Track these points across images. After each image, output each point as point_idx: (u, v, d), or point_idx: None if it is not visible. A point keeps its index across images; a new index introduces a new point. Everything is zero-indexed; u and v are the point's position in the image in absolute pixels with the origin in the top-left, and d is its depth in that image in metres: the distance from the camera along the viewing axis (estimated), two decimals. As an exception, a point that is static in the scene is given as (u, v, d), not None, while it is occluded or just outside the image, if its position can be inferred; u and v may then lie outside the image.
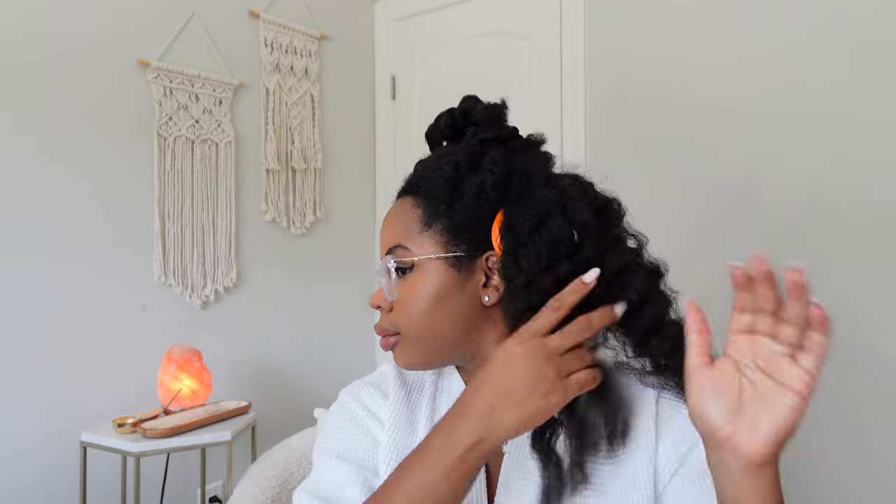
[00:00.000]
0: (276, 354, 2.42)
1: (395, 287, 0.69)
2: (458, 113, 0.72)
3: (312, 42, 2.54)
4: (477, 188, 0.67)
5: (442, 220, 0.67)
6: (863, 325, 1.73)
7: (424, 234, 0.68)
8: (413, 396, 0.74)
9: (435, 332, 0.68)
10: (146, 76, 2.02)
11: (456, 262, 0.67)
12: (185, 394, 1.77)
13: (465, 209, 0.67)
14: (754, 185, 1.91)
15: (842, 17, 1.77)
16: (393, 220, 0.72)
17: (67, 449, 1.79)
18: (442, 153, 0.71)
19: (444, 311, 0.67)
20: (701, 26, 2.01)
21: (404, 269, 0.68)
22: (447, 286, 0.66)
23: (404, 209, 0.71)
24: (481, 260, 0.67)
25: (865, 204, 1.75)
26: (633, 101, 2.14)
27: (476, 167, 0.68)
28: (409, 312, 0.68)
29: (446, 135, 0.74)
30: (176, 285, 2.09)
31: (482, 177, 0.67)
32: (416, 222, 0.69)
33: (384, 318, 0.71)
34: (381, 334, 0.71)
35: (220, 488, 2.15)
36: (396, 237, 0.70)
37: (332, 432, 0.73)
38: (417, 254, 0.68)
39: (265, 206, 2.37)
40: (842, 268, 1.77)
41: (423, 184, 0.70)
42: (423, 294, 0.67)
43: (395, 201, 0.74)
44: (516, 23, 2.42)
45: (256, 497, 1.00)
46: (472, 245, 0.67)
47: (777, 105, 1.88)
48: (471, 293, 0.67)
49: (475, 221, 0.66)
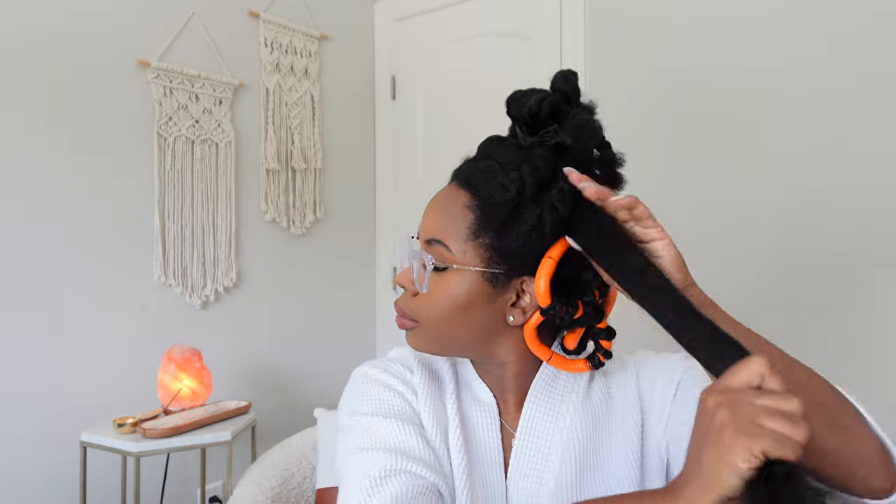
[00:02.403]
0: (276, 354, 2.42)
1: (427, 281, 0.68)
2: (546, 107, 0.64)
3: (312, 42, 2.54)
4: (537, 220, 0.64)
5: (491, 236, 0.65)
6: (864, 325, 1.73)
7: (469, 242, 0.66)
8: (436, 374, 0.75)
9: (453, 333, 0.68)
10: (146, 76, 2.02)
11: (493, 277, 0.66)
12: (185, 394, 1.77)
13: (518, 236, 0.65)
14: (756, 185, 1.92)
15: (842, 13, 1.77)
16: (442, 210, 0.69)
17: (67, 449, 1.79)
18: (510, 157, 0.66)
19: (467, 318, 0.67)
20: (701, 26, 2.01)
21: (440, 267, 0.68)
22: (478, 297, 0.67)
23: (456, 205, 0.67)
24: (517, 281, 0.67)
25: (865, 194, 1.75)
26: (633, 102, 2.13)
27: (541, 195, 0.64)
28: (433, 309, 0.68)
29: (525, 120, 0.66)
30: (176, 285, 2.09)
31: (544, 211, 0.64)
32: (465, 228, 0.66)
33: (406, 300, 0.71)
34: (400, 314, 0.72)
35: (220, 488, 2.15)
36: (441, 232, 0.68)
37: (365, 399, 0.71)
38: (458, 259, 0.67)
39: (265, 206, 2.37)
40: (842, 255, 1.77)
41: (483, 188, 0.66)
42: (452, 298, 0.67)
43: (450, 182, 0.71)
44: (516, 23, 2.42)
45: (256, 497, 1.00)
46: (513, 266, 0.66)
47: (778, 103, 1.88)
48: (498, 308, 0.68)
49: (524, 249, 0.65)
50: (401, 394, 0.71)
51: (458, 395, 0.73)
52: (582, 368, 0.69)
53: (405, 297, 0.72)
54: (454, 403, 0.72)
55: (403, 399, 0.70)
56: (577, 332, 0.70)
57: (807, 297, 1.82)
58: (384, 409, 0.69)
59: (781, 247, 1.87)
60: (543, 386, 0.71)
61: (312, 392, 2.48)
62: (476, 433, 0.71)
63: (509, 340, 0.70)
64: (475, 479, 0.68)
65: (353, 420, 0.70)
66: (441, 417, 0.70)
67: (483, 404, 0.72)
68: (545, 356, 0.68)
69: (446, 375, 0.74)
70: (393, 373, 0.73)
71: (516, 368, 0.71)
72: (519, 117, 0.67)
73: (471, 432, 0.71)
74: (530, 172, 0.63)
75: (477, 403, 0.73)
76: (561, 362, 0.69)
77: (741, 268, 1.92)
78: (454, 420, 0.70)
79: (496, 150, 0.68)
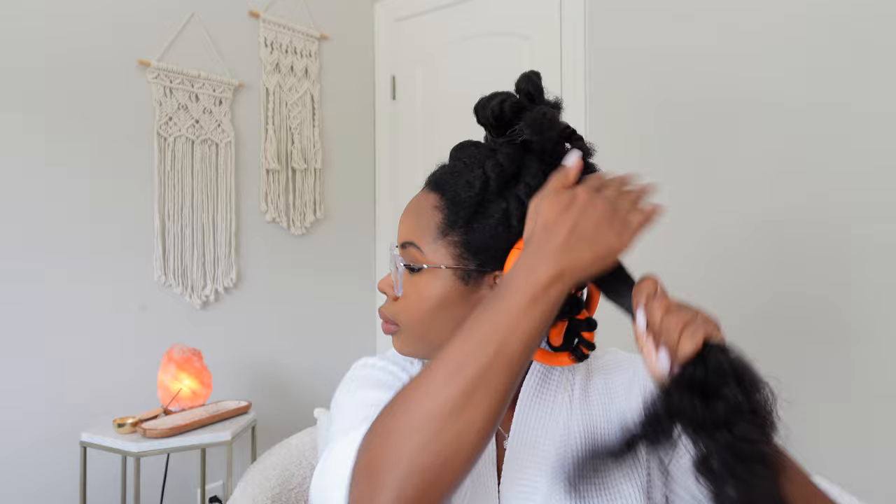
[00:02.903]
0: (276, 354, 2.42)
1: (401, 283, 0.70)
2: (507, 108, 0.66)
3: (312, 42, 2.54)
4: (502, 214, 0.65)
5: (459, 233, 0.67)
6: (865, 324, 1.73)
7: (439, 241, 0.67)
8: None
9: (432, 333, 0.69)
10: (146, 76, 2.02)
11: (465, 274, 0.67)
12: (185, 394, 1.77)
13: (485, 230, 0.66)
14: (757, 184, 1.91)
15: (842, 11, 1.77)
16: (413, 213, 0.71)
17: (67, 449, 1.79)
18: (475, 156, 0.68)
19: (444, 318, 0.68)
20: (701, 26, 2.01)
21: (413, 269, 0.69)
22: (452, 295, 0.67)
23: (426, 207, 0.69)
24: (489, 277, 0.68)
25: (865, 193, 1.75)
26: (633, 102, 2.14)
27: (506, 190, 0.66)
28: (410, 311, 0.69)
29: (490, 124, 0.69)
30: (176, 285, 2.09)
31: (510, 205, 0.65)
32: (434, 227, 0.68)
33: (388, 305, 0.72)
34: (384, 320, 0.73)
35: (220, 488, 2.15)
36: (412, 234, 0.70)
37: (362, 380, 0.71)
38: (429, 258, 0.68)
39: (265, 206, 2.37)
40: (841, 255, 1.77)
41: (449, 187, 0.68)
42: (426, 298, 0.68)
43: (422, 189, 0.73)
44: (516, 23, 2.42)
45: (256, 497, 1.00)
46: (484, 262, 0.67)
47: (779, 102, 1.88)
48: (473, 305, 0.68)
49: (492, 243, 0.66)
50: (402, 380, 0.72)
51: None
52: (566, 362, 0.69)
53: (387, 302, 0.73)
54: None
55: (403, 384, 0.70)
56: (559, 327, 0.69)
57: (807, 296, 1.82)
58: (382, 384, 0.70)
59: (781, 246, 1.87)
60: (534, 386, 0.71)
61: (312, 392, 2.48)
62: None
63: None
64: (467, 483, 0.68)
65: (346, 397, 0.70)
66: None
67: None
68: None
69: None
70: (394, 362, 0.75)
71: None
72: (485, 121, 0.69)
73: None
74: (493, 167, 0.66)
75: None
76: (546, 357, 0.69)
77: (741, 267, 1.92)
78: None
79: (464, 153, 0.70)
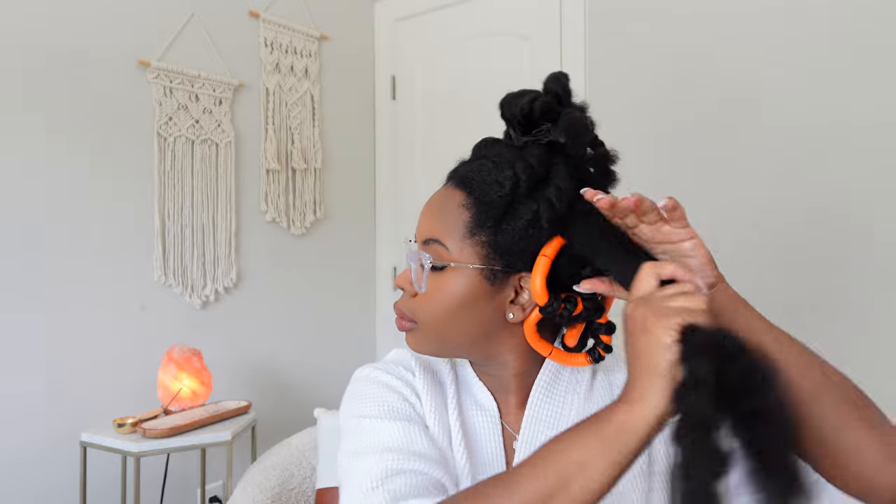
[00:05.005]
0: (276, 354, 2.42)
1: (425, 281, 0.68)
2: (538, 107, 0.65)
3: (312, 42, 2.54)
4: (532, 216, 0.64)
5: (488, 233, 0.66)
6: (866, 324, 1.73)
7: (467, 240, 0.67)
8: (437, 377, 0.75)
9: (453, 332, 0.68)
10: (146, 76, 2.02)
11: (490, 274, 0.66)
12: (185, 394, 1.77)
13: (514, 231, 0.65)
14: (757, 183, 1.91)
15: (842, 11, 1.77)
16: (438, 210, 0.69)
17: (67, 449, 1.79)
18: (503, 155, 0.67)
19: (466, 317, 0.67)
20: (701, 26, 2.01)
21: (437, 266, 0.68)
22: (476, 295, 0.67)
23: (452, 205, 0.68)
24: (515, 278, 0.67)
25: (866, 192, 1.75)
26: (633, 102, 2.13)
27: (537, 191, 0.65)
28: (432, 309, 0.68)
29: (518, 121, 0.67)
30: (176, 285, 2.09)
31: (540, 207, 0.64)
32: (462, 226, 0.67)
33: (406, 301, 0.71)
34: (399, 316, 0.72)
35: (220, 488, 2.15)
36: (437, 231, 0.68)
37: (367, 400, 0.70)
38: (456, 257, 0.67)
39: (265, 206, 2.37)
40: (843, 253, 1.77)
41: (477, 186, 0.67)
42: (450, 296, 0.67)
43: (445, 184, 0.71)
44: (516, 23, 2.42)
45: (256, 497, 1.00)
46: (510, 263, 0.66)
47: (779, 102, 1.88)
48: (497, 305, 0.67)
49: (520, 245, 0.65)
50: (404, 396, 0.70)
51: (458, 398, 0.73)
52: (582, 362, 0.69)
53: (404, 298, 0.72)
54: (455, 407, 0.71)
55: (406, 401, 0.70)
56: (577, 329, 0.70)
57: (807, 296, 1.82)
58: (386, 410, 0.68)
59: (781, 246, 1.87)
60: (546, 385, 0.71)
61: (312, 392, 2.48)
62: (477, 436, 0.71)
63: (510, 339, 0.70)
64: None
65: (354, 423, 0.68)
66: (444, 420, 0.70)
67: (483, 408, 0.72)
68: (546, 351, 0.69)
69: (447, 377, 0.74)
70: (395, 375, 0.73)
71: (517, 368, 0.71)
72: (511, 118, 0.68)
73: (472, 435, 0.71)
74: (524, 169, 0.64)
75: (477, 407, 0.72)
76: (562, 357, 0.69)
77: (741, 267, 1.92)
78: (455, 423, 0.70)
79: (490, 150, 0.69)
